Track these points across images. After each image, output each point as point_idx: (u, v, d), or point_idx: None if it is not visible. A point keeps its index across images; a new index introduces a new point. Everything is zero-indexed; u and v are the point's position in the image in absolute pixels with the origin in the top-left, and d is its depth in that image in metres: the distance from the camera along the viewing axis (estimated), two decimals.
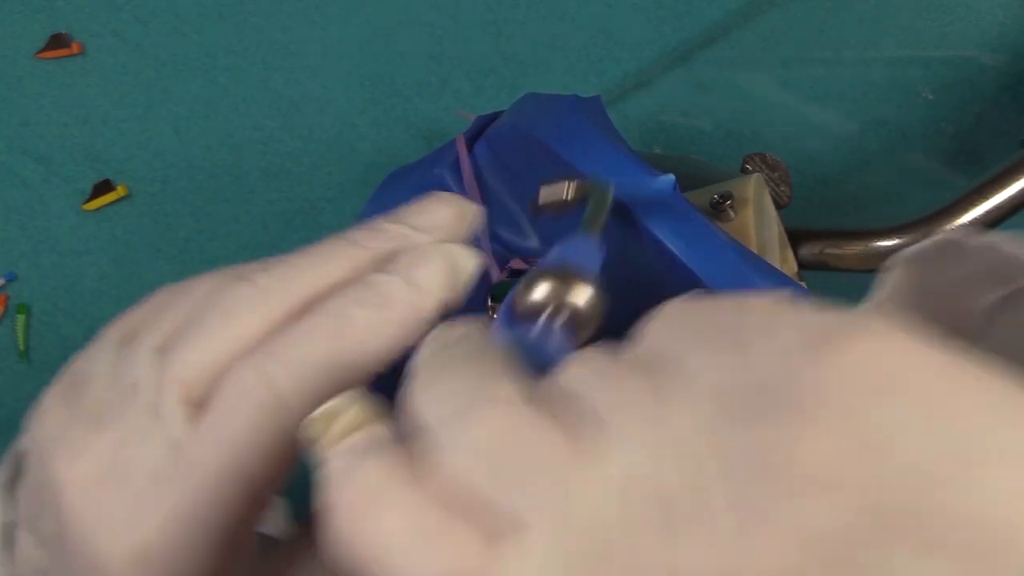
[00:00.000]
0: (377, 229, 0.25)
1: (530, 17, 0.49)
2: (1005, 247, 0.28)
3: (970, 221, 0.38)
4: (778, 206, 0.38)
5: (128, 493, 0.23)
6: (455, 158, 0.36)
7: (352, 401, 0.20)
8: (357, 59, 0.49)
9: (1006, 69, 0.48)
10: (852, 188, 0.49)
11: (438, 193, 0.26)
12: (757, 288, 0.30)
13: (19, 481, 0.27)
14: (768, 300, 0.19)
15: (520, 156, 0.35)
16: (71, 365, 0.26)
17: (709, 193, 0.35)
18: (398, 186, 0.38)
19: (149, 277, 0.49)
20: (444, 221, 0.26)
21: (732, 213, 0.35)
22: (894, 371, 0.17)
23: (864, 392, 0.16)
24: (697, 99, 0.49)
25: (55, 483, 0.24)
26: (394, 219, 0.25)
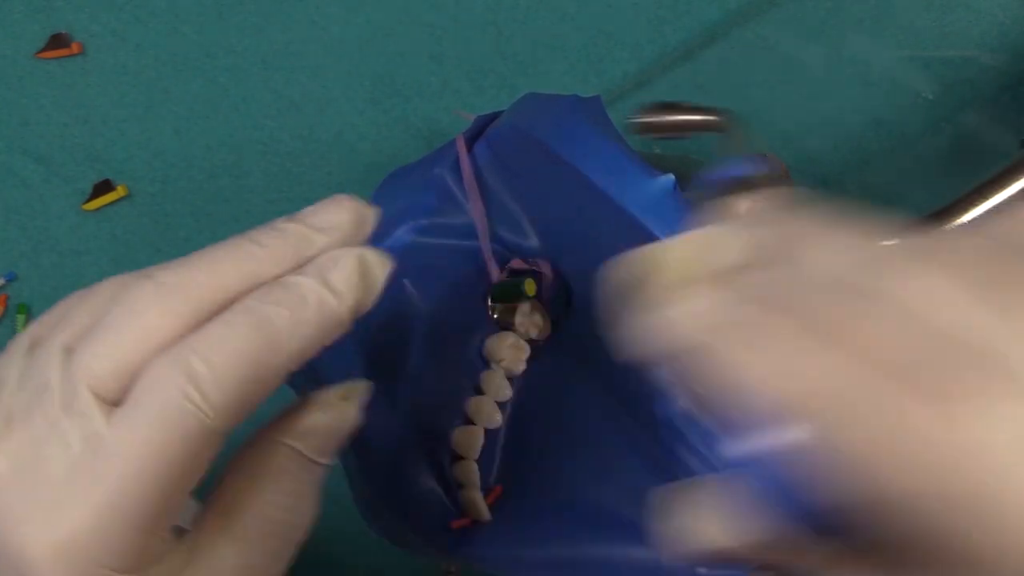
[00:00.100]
0: (276, 228, 0.26)
1: (530, 17, 0.49)
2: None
3: (970, 221, 0.38)
4: None
5: (45, 488, 0.24)
6: (455, 158, 0.36)
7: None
8: (357, 59, 0.49)
9: (1006, 69, 0.48)
10: (852, 188, 0.49)
11: (339, 196, 0.27)
12: None
13: None
14: None
15: (520, 156, 0.35)
16: None
17: None
18: (398, 186, 0.38)
19: None
20: (342, 222, 0.26)
21: None
22: None
23: None
24: (697, 99, 0.49)
25: None
26: (292, 219, 0.26)
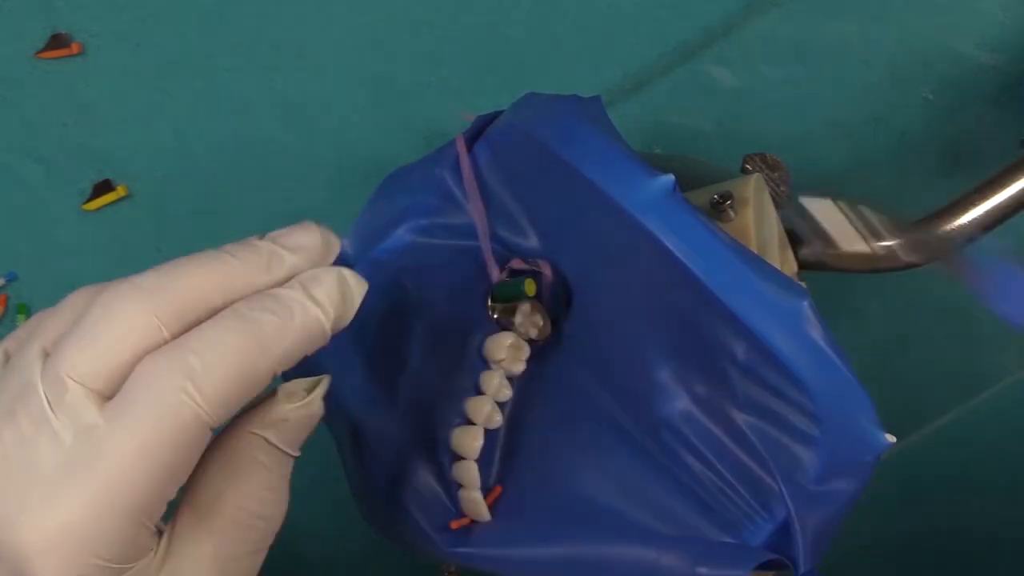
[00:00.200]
0: (248, 243, 0.28)
1: (530, 17, 0.49)
2: None
3: (970, 221, 0.38)
4: (778, 206, 0.38)
5: (38, 481, 0.24)
6: (455, 158, 0.36)
7: None
8: (357, 59, 0.49)
9: (1006, 69, 0.48)
10: (852, 188, 0.49)
11: (306, 221, 0.29)
12: (757, 289, 0.30)
13: None
14: None
15: (520, 156, 0.35)
16: None
17: (709, 193, 0.35)
18: (398, 186, 0.38)
19: None
20: (310, 244, 0.29)
21: (732, 213, 0.35)
22: None
23: None
24: (697, 99, 0.49)
25: None
26: (264, 237, 0.28)
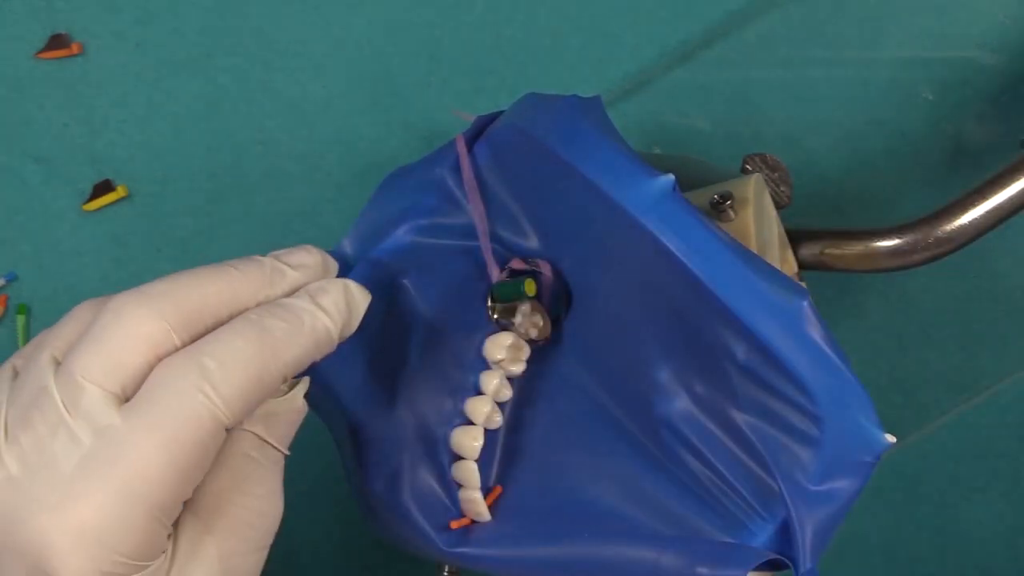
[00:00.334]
0: (252, 258, 0.29)
1: (530, 17, 0.49)
2: None
3: (970, 221, 0.38)
4: (778, 206, 0.38)
5: (58, 480, 0.25)
6: (455, 158, 0.36)
7: None
8: (357, 59, 0.49)
9: (1006, 69, 0.48)
10: (852, 188, 0.49)
11: (306, 244, 0.31)
12: (757, 289, 0.30)
13: None
14: None
15: (520, 156, 0.35)
16: None
17: (709, 193, 0.35)
18: (398, 186, 0.38)
19: (149, 277, 0.48)
20: (310, 263, 0.30)
21: (732, 213, 0.35)
22: None
23: None
24: (697, 99, 0.49)
25: None
26: (267, 255, 0.30)
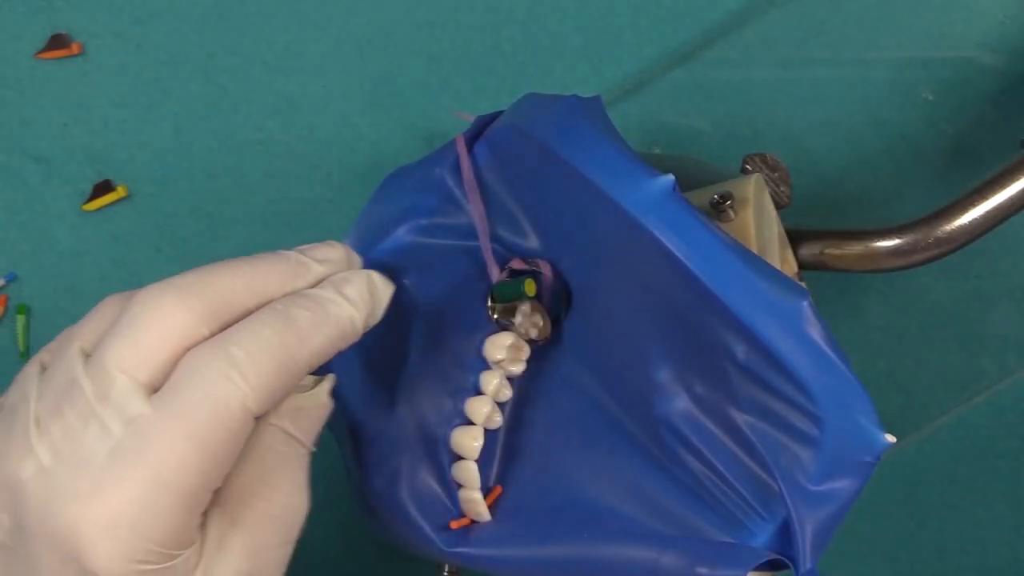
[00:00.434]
0: (277, 253, 0.30)
1: (530, 17, 0.49)
2: None
3: (970, 221, 0.38)
4: (778, 206, 0.38)
5: (89, 470, 0.25)
6: (455, 158, 0.36)
7: None
8: (357, 59, 0.49)
9: (1006, 69, 0.48)
10: (852, 188, 0.49)
11: (330, 240, 0.31)
12: (757, 289, 0.30)
13: None
14: None
15: (520, 156, 0.35)
16: None
17: (709, 193, 0.35)
18: (398, 186, 0.38)
19: (149, 277, 0.48)
20: (335, 258, 0.30)
21: (732, 213, 0.35)
22: None
23: None
24: (697, 99, 0.49)
25: (8, 481, 0.26)
26: (292, 249, 0.30)
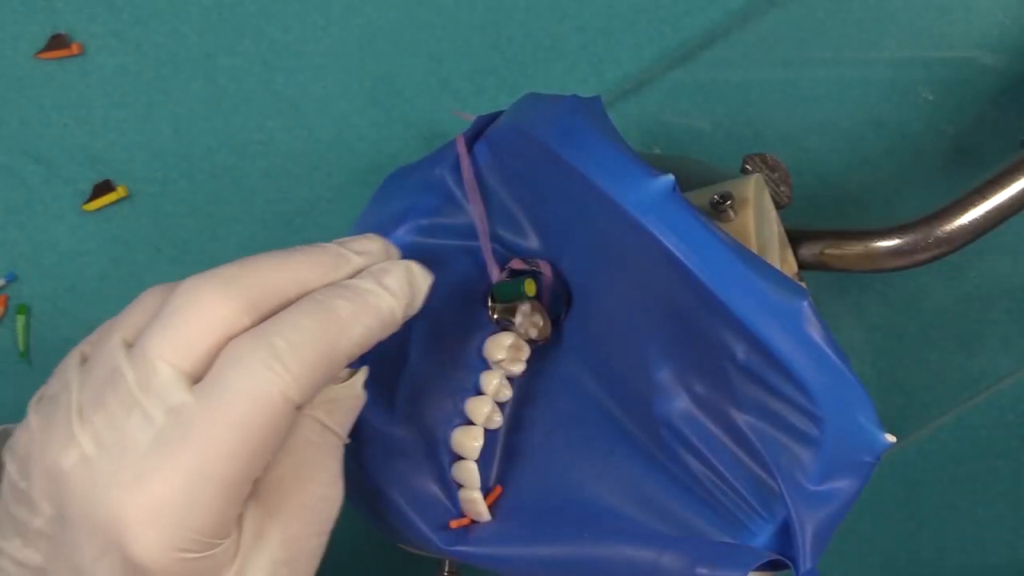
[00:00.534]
0: (316, 245, 0.30)
1: (530, 17, 0.49)
2: None
3: (970, 221, 0.38)
4: (778, 206, 0.38)
5: (131, 458, 0.25)
6: (455, 158, 0.36)
7: None
8: (357, 59, 0.49)
9: (1006, 69, 0.48)
10: (852, 188, 0.49)
11: (369, 234, 0.31)
12: (757, 289, 0.30)
13: None
14: None
15: (520, 156, 0.35)
16: (39, 395, 0.29)
17: (709, 193, 0.35)
18: (398, 186, 0.38)
19: (149, 277, 0.49)
20: (373, 250, 0.30)
21: (732, 213, 0.35)
22: None
23: None
24: (697, 99, 0.49)
25: (50, 470, 0.26)
26: (331, 241, 0.30)
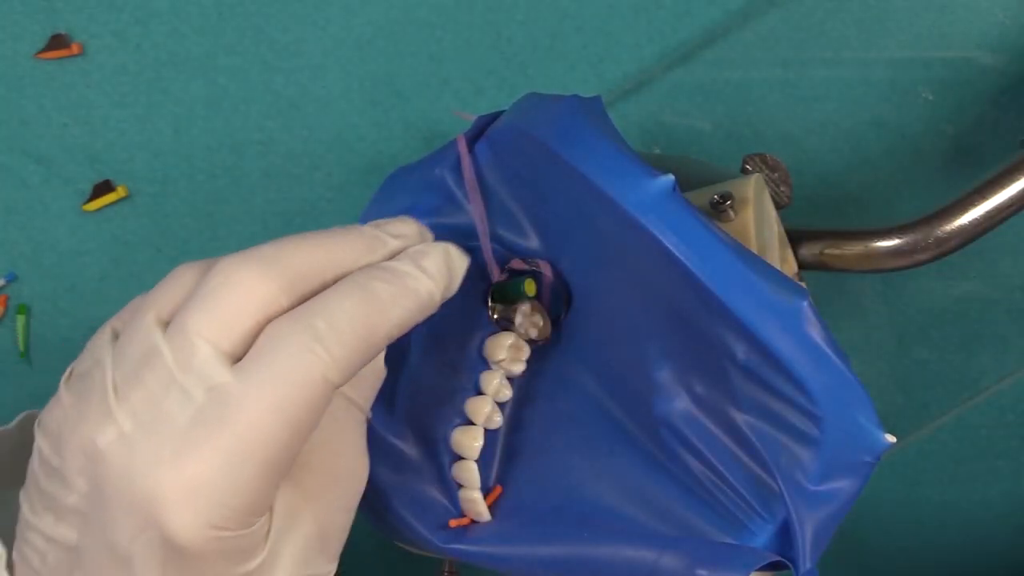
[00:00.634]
0: (354, 227, 0.29)
1: (530, 17, 0.49)
2: None
3: (970, 221, 0.38)
4: (778, 206, 0.38)
5: (171, 436, 0.25)
6: (456, 158, 0.36)
7: None
8: (357, 59, 0.49)
9: (1006, 69, 0.48)
10: (852, 188, 0.49)
11: (403, 216, 0.31)
12: (757, 289, 0.30)
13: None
14: None
15: (520, 156, 0.35)
16: (69, 371, 0.28)
17: (709, 193, 0.35)
18: (399, 186, 0.38)
19: (149, 277, 0.49)
20: (409, 233, 0.30)
21: (732, 213, 0.35)
22: None
23: None
24: (697, 99, 0.49)
25: (85, 447, 0.26)
26: (369, 224, 0.30)
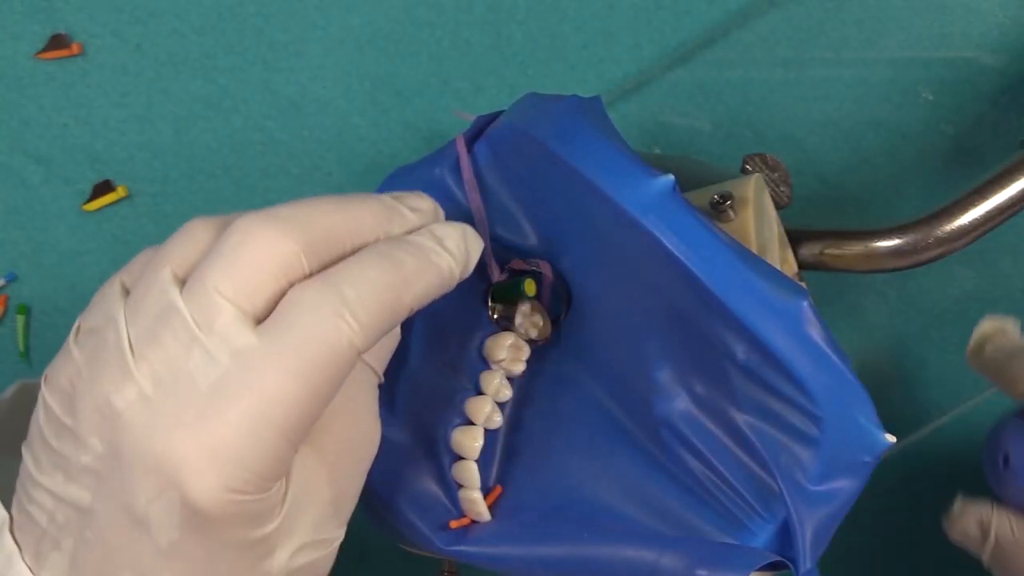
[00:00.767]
0: (372, 195, 0.30)
1: (530, 17, 0.49)
2: None
3: (970, 221, 0.38)
4: (778, 206, 0.38)
5: (192, 398, 0.25)
6: (455, 158, 0.36)
7: None
8: (357, 59, 0.49)
9: (1006, 69, 0.48)
10: (852, 188, 0.49)
11: (418, 191, 0.31)
12: (757, 289, 0.30)
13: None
14: None
15: (520, 156, 0.35)
16: (77, 325, 0.28)
17: (709, 193, 0.35)
18: (398, 186, 0.38)
19: None
20: (425, 208, 0.30)
21: (732, 213, 0.35)
22: None
23: None
24: (697, 99, 0.49)
25: (101, 407, 0.25)
26: (387, 194, 0.30)
